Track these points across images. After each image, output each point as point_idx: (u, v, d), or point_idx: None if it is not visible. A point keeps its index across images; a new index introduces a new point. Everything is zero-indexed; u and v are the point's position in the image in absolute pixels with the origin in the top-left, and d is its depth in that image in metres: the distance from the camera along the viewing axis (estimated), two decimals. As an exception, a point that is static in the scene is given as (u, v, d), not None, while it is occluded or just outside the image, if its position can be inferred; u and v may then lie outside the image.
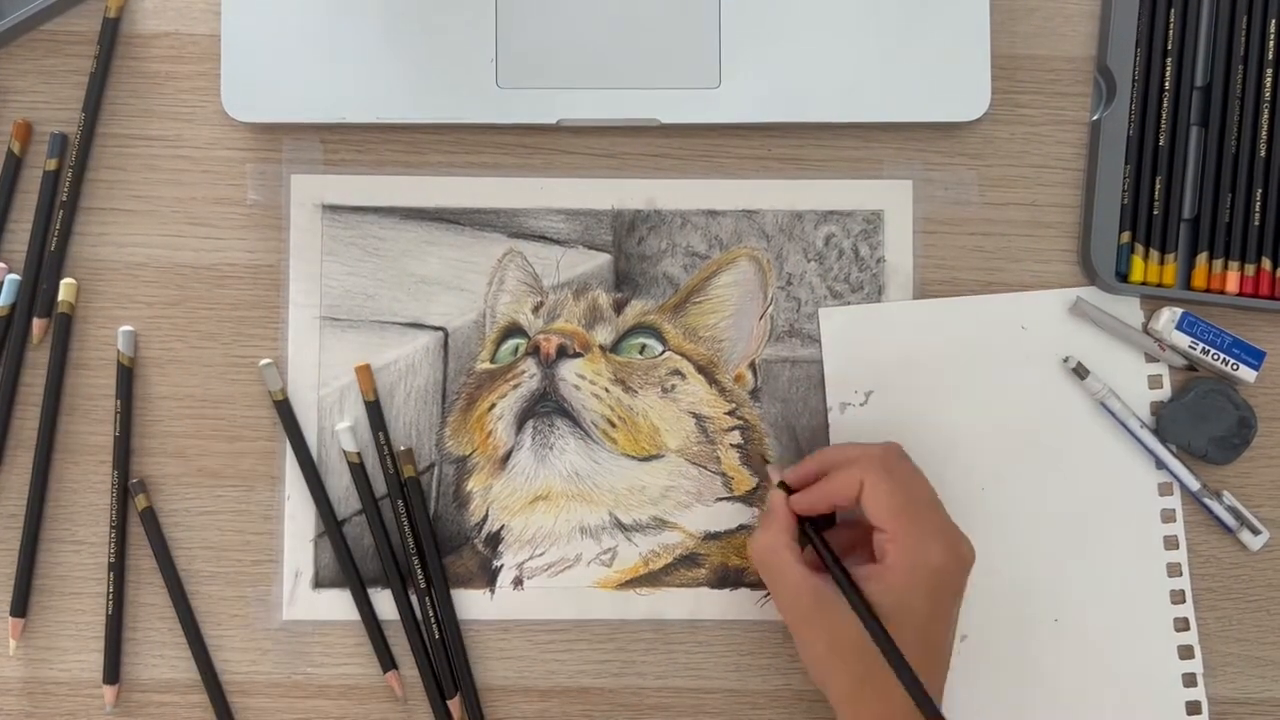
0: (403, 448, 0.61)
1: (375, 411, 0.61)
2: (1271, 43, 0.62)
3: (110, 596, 0.61)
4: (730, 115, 0.61)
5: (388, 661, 0.61)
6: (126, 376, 0.61)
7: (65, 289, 0.61)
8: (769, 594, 0.60)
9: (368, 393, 0.61)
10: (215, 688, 0.61)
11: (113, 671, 0.61)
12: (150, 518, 0.61)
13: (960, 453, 0.62)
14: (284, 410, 0.61)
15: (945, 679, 0.55)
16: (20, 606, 0.61)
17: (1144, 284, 0.62)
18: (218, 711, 0.61)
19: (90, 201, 0.62)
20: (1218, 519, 0.62)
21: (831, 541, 0.56)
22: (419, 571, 0.61)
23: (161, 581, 0.61)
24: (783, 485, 0.58)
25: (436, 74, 0.61)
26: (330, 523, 0.61)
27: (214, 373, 0.62)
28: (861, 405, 0.62)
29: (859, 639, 0.52)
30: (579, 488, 0.62)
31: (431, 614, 0.61)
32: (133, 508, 0.61)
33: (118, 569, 0.61)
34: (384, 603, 0.61)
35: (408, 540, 0.61)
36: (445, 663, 0.61)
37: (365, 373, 0.61)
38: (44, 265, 0.61)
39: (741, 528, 0.62)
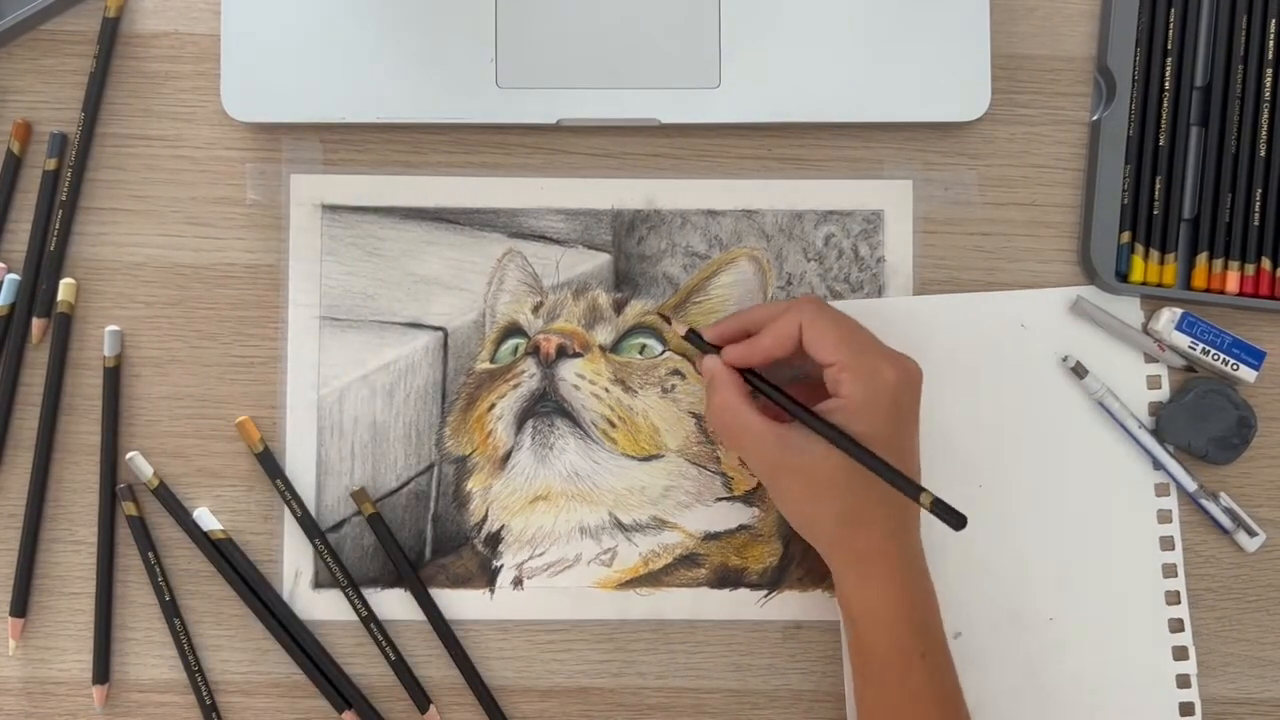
0: (356, 488, 0.62)
1: (268, 460, 0.61)
2: (1271, 42, 0.62)
3: (98, 598, 0.61)
4: (730, 115, 0.61)
5: (341, 703, 0.61)
6: (112, 378, 0.61)
7: (65, 289, 0.61)
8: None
9: (254, 445, 0.61)
10: (203, 689, 0.61)
11: (102, 672, 0.61)
12: (138, 525, 0.61)
13: (958, 450, 0.62)
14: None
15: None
16: (20, 606, 0.61)
17: (1144, 284, 0.62)
18: (204, 712, 0.61)
19: (90, 201, 0.62)
20: (1214, 520, 0.62)
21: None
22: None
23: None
24: (697, 338, 0.59)
25: (436, 74, 0.61)
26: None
27: (214, 373, 0.62)
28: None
29: (834, 473, 0.54)
30: (579, 488, 0.62)
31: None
32: (121, 511, 0.61)
33: (105, 571, 0.61)
34: (383, 604, 0.62)
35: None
36: (410, 679, 0.61)
37: (246, 426, 0.61)
38: (43, 265, 0.61)
39: (742, 528, 0.62)
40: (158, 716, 0.62)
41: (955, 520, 0.51)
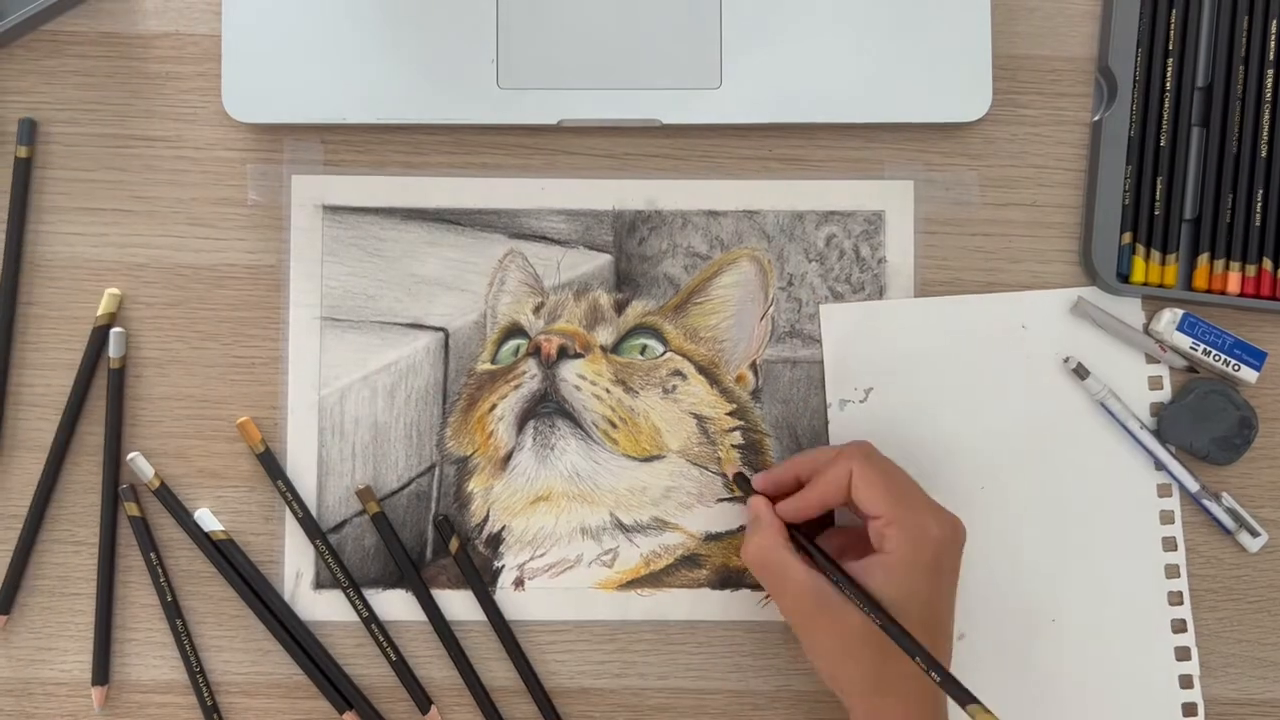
0: (361, 486, 0.62)
1: (269, 461, 0.61)
2: (1272, 43, 0.62)
3: (99, 598, 0.61)
4: (731, 115, 0.61)
5: (342, 704, 0.61)
6: (117, 380, 0.61)
7: (108, 300, 0.61)
8: (769, 596, 0.61)
9: (255, 445, 0.61)
10: (204, 690, 0.61)
11: (102, 673, 0.61)
12: (140, 526, 0.61)
13: (959, 452, 0.62)
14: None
15: (951, 653, 0.55)
16: (6, 604, 0.61)
17: (1145, 284, 0.62)
18: (205, 713, 0.61)
19: (91, 202, 0.62)
20: (1216, 521, 0.62)
21: (823, 547, 0.56)
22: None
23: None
24: (745, 483, 0.59)
25: (437, 74, 0.61)
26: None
27: (214, 373, 0.62)
28: (861, 403, 0.62)
29: (867, 633, 0.52)
30: (580, 488, 0.62)
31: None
32: (122, 512, 0.61)
33: (106, 571, 0.61)
34: (385, 605, 0.61)
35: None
36: (411, 679, 0.61)
37: (247, 427, 0.61)
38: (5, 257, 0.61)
39: (743, 528, 0.62)
40: (159, 717, 0.62)
41: None
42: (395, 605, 0.61)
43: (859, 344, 0.62)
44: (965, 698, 0.50)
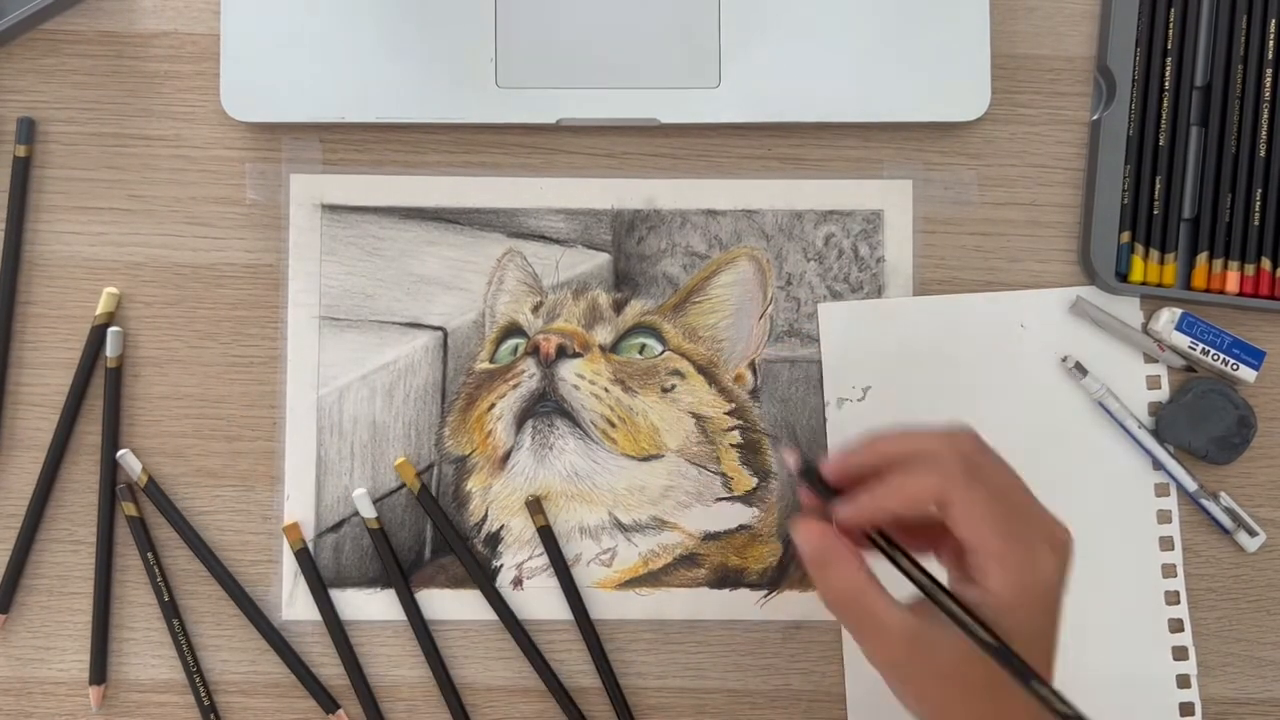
0: (400, 459, 0.62)
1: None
2: (1271, 42, 0.62)
3: (96, 598, 0.61)
4: (730, 115, 0.61)
5: (330, 703, 0.61)
6: (114, 379, 0.61)
7: (106, 299, 0.61)
8: (771, 592, 0.61)
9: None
10: (202, 689, 0.61)
11: (99, 672, 0.61)
12: (137, 525, 0.61)
13: (960, 452, 0.62)
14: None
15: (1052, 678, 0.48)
16: (4, 603, 0.61)
17: (1144, 284, 0.62)
18: (203, 712, 0.61)
19: (89, 201, 0.62)
20: (1214, 520, 0.62)
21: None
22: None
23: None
24: (813, 473, 0.48)
25: (436, 74, 0.61)
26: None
27: (213, 373, 0.62)
28: (859, 401, 0.62)
29: (969, 674, 0.44)
30: (578, 488, 0.62)
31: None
32: (121, 511, 0.61)
33: (104, 571, 0.61)
34: (380, 604, 0.62)
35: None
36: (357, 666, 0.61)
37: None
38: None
39: (741, 528, 0.62)
40: (156, 717, 0.62)
41: None
42: (397, 605, 0.61)
43: (857, 343, 0.62)
44: (1044, 693, 0.43)
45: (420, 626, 0.61)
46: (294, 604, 0.61)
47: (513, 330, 0.62)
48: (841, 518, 0.47)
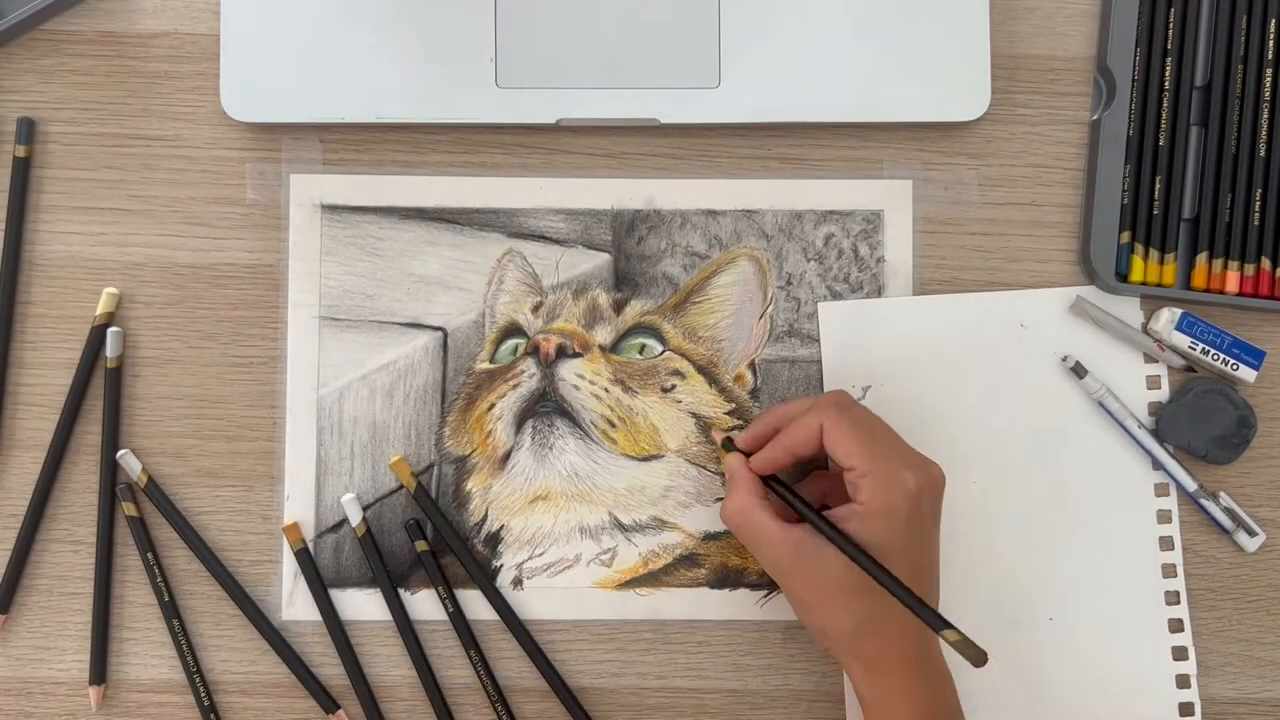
0: (396, 457, 0.62)
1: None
2: (1271, 42, 0.62)
3: (96, 598, 0.61)
4: (730, 115, 0.61)
5: (330, 704, 0.61)
6: (114, 379, 0.61)
7: (106, 299, 0.61)
8: (770, 592, 0.61)
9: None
10: (201, 689, 0.61)
11: (99, 672, 0.61)
12: (137, 525, 0.61)
13: (956, 450, 0.62)
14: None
15: (939, 598, 0.56)
16: (4, 603, 0.61)
17: (1144, 284, 0.62)
18: (202, 712, 0.61)
19: (89, 201, 0.62)
20: (1214, 520, 0.62)
21: (805, 492, 0.57)
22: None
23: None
24: (731, 445, 0.59)
25: (436, 74, 0.61)
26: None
27: (213, 373, 0.62)
28: (859, 400, 0.62)
29: (847, 580, 0.53)
30: (578, 488, 0.62)
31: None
32: (121, 511, 0.61)
33: (104, 571, 0.61)
34: (380, 604, 0.62)
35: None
36: (359, 669, 0.61)
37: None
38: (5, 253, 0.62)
39: (741, 528, 0.62)
40: (156, 717, 0.62)
41: (975, 655, 0.48)
42: (398, 605, 0.62)
43: (857, 343, 0.62)
44: (939, 624, 0.50)
45: (408, 631, 0.61)
46: (294, 604, 0.61)
47: (513, 330, 0.62)
48: (755, 465, 0.57)
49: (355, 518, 0.61)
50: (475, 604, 0.61)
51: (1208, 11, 0.62)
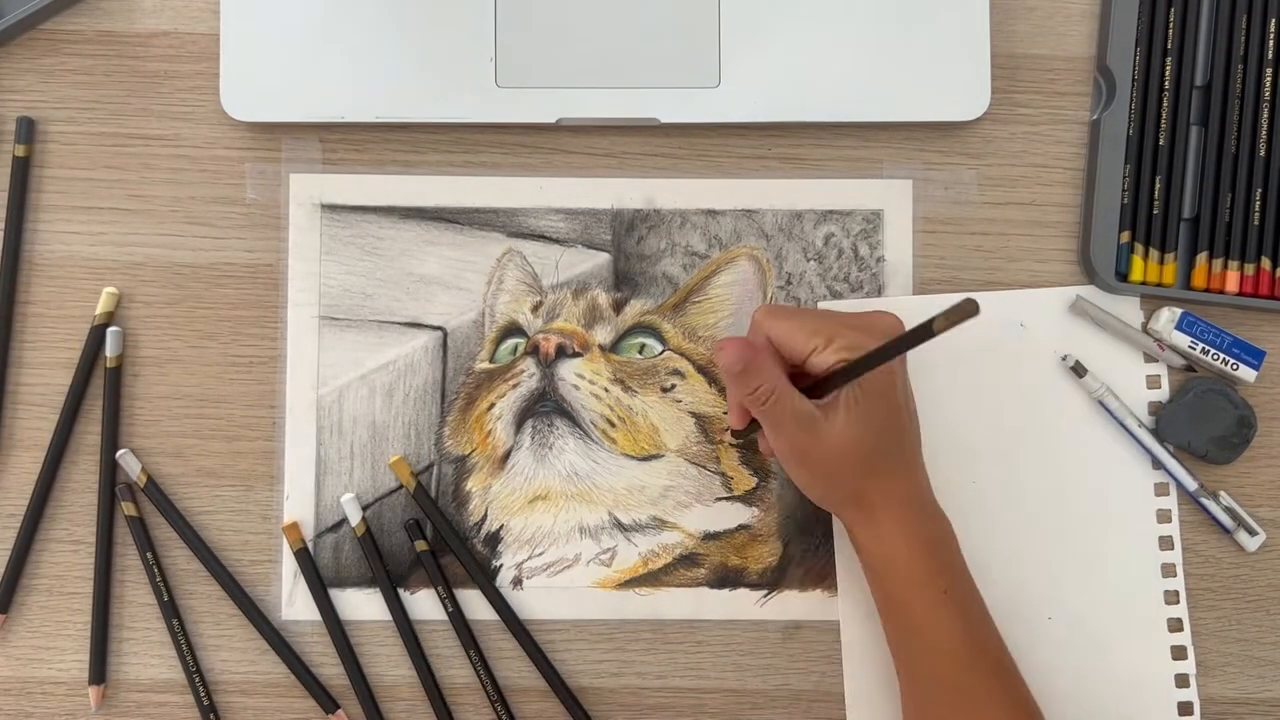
0: (396, 457, 0.62)
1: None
2: (1271, 42, 0.62)
3: (95, 598, 0.61)
4: (730, 115, 0.61)
5: (329, 704, 0.61)
6: (114, 379, 0.61)
7: (106, 299, 0.61)
8: (770, 592, 0.61)
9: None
10: (201, 689, 0.61)
11: (98, 672, 0.61)
12: (137, 525, 0.61)
13: (956, 449, 0.62)
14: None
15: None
16: (3, 603, 0.61)
17: (1144, 283, 0.62)
18: (202, 712, 0.61)
19: (89, 200, 0.62)
20: (1214, 519, 0.62)
21: None
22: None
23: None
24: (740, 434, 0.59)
25: (436, 73, 0.61)
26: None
27: (213, 372, 0.62)
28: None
29: (859, 449, 0.54)
30: (578, 487, 0.62)
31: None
32: (121, 511, 0.61)
33: (103, 571, 0.61)
34: (379, 604, 0.61)
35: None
36: (358, 670, 0.61)
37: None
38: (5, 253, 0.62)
39: (741, 528, 0.62)
40: (156, 716, 0.62)
41: (966, 308, 0.45)
42: (397, 605, 0.61)
43: (857, 343, 0.62)
44: (928, 327, 0.46)
45: (408, 631, 0.61)
46: (294, 604, 0.61)
47: (512, 330, 0.62)
48: (744, 413, 0.56)
49: (355, 517, 0.61)
50: (475, 604, 0.61)
51: (1208, 11, 0.62)
